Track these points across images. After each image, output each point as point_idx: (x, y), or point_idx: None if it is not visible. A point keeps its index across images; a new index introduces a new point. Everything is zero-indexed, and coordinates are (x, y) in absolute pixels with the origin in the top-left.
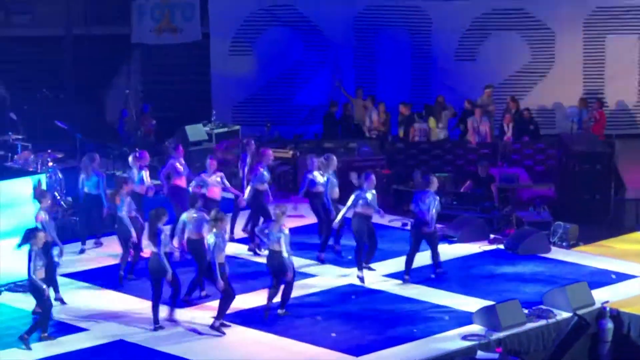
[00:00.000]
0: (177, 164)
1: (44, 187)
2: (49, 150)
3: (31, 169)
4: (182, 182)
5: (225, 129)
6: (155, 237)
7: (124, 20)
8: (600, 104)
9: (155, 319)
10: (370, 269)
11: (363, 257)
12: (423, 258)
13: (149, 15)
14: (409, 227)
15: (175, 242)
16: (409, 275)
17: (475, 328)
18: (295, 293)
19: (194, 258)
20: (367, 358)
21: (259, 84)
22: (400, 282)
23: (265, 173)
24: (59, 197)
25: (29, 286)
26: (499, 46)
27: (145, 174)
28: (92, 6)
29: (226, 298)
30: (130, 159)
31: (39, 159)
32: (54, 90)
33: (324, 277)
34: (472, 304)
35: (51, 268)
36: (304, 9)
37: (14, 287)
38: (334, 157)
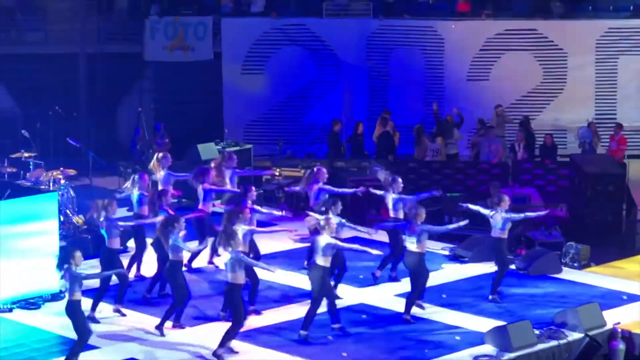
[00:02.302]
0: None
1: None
2: (61, 168)
3: (43, 187)
4: None
5: (237, 148)
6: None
7: (137, 39)
8: (620, 127)
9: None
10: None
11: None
12: (435, 278)
13: (162, 33)
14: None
15: None
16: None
17: (487, 348)
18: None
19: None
20: None
21: (271, 103)
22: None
23: None
24: (70, 215)
25: (66, 308)
26: (511, 67)
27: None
28: (105, 24)
29: (234, 325)
30: (135, 179)
31: (51, 176)
32: (67, 108)
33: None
34: (483, 324)
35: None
36: (316, 29)
37: (25, 304)
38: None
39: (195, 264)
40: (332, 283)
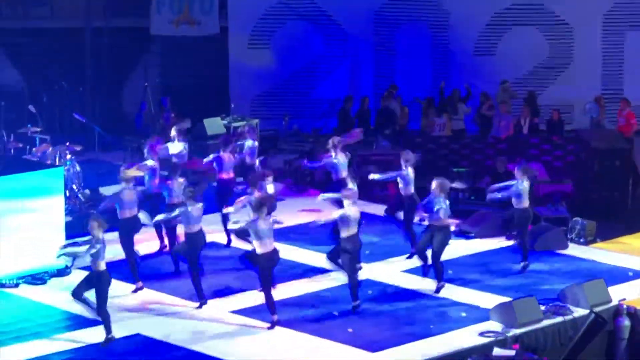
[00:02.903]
0: None
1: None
2: (67, 143)
3: (49, 162)
4: None
5: (244, 122)
6: None
7: (143, 13)
8: (627, 102)
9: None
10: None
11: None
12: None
13: (168, 7)
14: (426, 223)
15: None
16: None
17: (492, 325)
18: (312, 288)
19: None
20: (384, 354)
21: (277, 78)
22: (418, 277)
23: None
24: (77, 190)
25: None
26: (518, 41)
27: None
28: None
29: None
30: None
31: (57, 151)
32: (73, 82)
33: (340, 272)
34: (488, 300)
35: None
36: (322, 3)
37: (31, 279)
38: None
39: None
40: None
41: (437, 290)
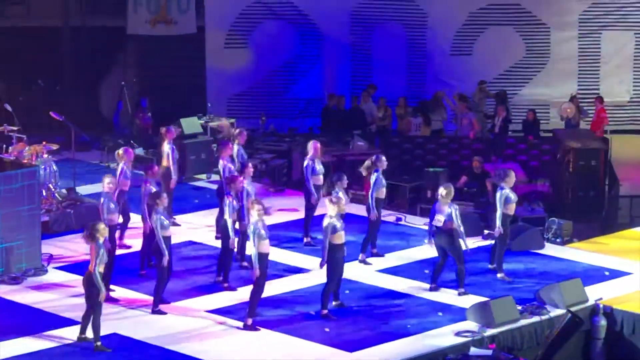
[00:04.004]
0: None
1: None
2: (44, 142)
3: (26, 161)
4: None
5: (220, 122)
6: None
7: (120, 12)
8: (601, 100)
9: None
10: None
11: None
12: (417, 254)
13: (145, 7)
14: (403, 222)
15: None
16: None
17: (469, 324)
18: (289, 288)
19: None
20: (361, 354)
21: (254, 77)
22: (394, 277)
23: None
24: (53, 190)
25: (85, 279)
26: (494, 41)
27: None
28: None
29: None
30: (119, 153)
31: (34, 150)
32: (50, 81)
33: (317, 272)
34: (465, 299)
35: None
36: (299, 3)
37: (7, 279)
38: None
39: (181, 239)
40: None
41: (432, 289)
